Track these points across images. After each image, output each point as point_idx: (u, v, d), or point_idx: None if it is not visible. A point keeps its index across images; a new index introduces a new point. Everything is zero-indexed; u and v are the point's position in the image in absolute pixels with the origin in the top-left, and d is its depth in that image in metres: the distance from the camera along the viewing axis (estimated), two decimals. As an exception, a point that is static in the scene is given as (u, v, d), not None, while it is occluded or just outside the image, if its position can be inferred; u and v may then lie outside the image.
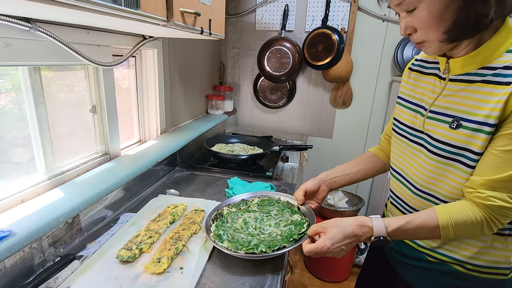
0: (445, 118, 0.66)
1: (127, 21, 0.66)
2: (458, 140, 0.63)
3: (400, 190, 0.79)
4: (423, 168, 0.70)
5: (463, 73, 0.64)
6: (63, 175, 0.91)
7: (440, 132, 0.66)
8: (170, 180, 1.27)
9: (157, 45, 1.28)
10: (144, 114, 1.36)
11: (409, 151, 0.76)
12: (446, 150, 0.65)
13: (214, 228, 0.82)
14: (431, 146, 0.68)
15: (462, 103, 0.63)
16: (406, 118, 0.77)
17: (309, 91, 2.10)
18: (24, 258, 0.67)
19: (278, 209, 0.92)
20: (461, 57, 0.63)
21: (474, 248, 0.69)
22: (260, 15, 2.00)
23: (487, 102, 0.59)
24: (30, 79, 0.81)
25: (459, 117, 0.63)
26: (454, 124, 0.64)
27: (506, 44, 0.59)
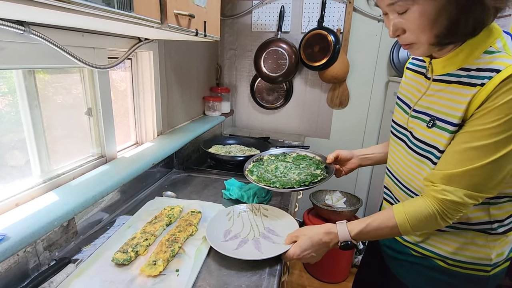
0: (425, 117, 0.68)
1: (121, 23, 0.66)
2: (429, 138, 0.66)
3: (389, 184, 0.83)
4: (404, 163, 0.74)
5: (444, 74, 0.65)
6: (59, 178, 0.91)
7: (419, 130, 0.69)
8: (167, 182, 1.27)
9: (153, 47, 1.28)
10: (141, 116, 1.35)
11: (395, 147, 0.79)
12: (420, 147, 0.68)
13: (251, 166, 1.05)
14: (411, 143, 0.71)
15: (439, 103, 0.65)
16: (397, 117, 0.80)
17: (306, 92, 2.10)
18: (18, 262, 0.67)
19: (308, 164, 1.06)
20: (442, 58, 0.64)
21: (455, 243, 0.70)
22: (256, 16, 2.01)
23: (459, 103, 0.60)
24: (24, 82, 0.80)
25: (435, 117, 0.65)
26: (430, 123, 0.66)
27: (485, 45, 0.58)
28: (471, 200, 0.60)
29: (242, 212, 0.98)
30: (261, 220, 0.95)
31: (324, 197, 1.98)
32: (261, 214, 0.97)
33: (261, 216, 0.97)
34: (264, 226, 0.91)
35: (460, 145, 0.59)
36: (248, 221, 0.93)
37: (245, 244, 0.82)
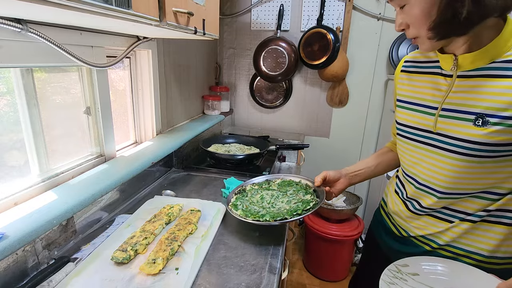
0: (465, 115, 0.63)
1: (119, 21, 0.65)
2: (489, 137, 0.60)
3: (418, 195, 0.75)
4: (445, 169, 0.67)
5: (473, 69, 0.62)
6: (57, 177, 0.91)
7: (462, 130, 0.63)
8: (166, 181, 1.27)
9: (151, 46, 1.27)
10: (140, 115, 1.35)
11: (422, 154, 0.72)
12: (476, 149, 0.62)
13: (233, 199, 0.96)
14: (451, 146, 0.65)
15: (482, 98, 0.61)
16: (412, 121, 0.74)
17: (305, 91, 2.10)
18: (17, 261, 0.67)
19: (295, 189, 0.98)
20: (471, 53, 0.62)
21: (493, 241, 0.67)
22: (256, 15, 2.00)
23: (501, 93, 0.58)
24: (22, 81, 0.80)
25: (483, 114, 0.60)
26: (479, 121, 0.61)
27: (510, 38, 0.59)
28: None
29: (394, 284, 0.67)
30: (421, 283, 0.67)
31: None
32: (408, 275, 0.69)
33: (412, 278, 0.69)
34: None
35: None
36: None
37: None
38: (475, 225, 0.68)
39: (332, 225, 1.82)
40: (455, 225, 0.70)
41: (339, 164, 2.16)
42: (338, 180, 0.93)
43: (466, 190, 0.67)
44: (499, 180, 0.64)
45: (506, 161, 0.62)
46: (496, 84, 0.60)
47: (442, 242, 0.73)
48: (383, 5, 1.81)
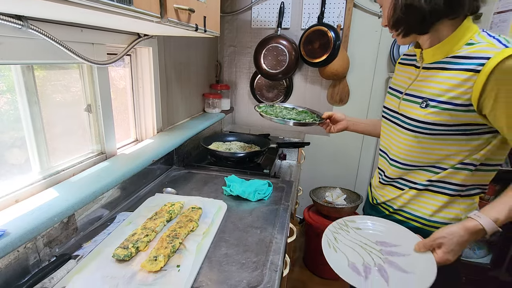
0: (416, 99, 0.78)
1: (120, 17, 0.65)
2: (422, 116, 0.74)
3: (384, 165, 0.91)
4: (399, 142, 0.83)
5: (433, 62, 0.75)
6: (58, 175, 0.90)
7: (413, 111, 0.78)
8: (167, 179, 1.26)
9: (152, 44, 1.27)
10: (140, 113, 1.35)
11: (390, 131, 0.88)
12: (420, 126, 0.76)
13: (262, 105, 1.39)
14: (406, 124, 0.80)
15: (430, 86, 0.74)
16: (389, 103, 0.90)
17: (306, 89, 2.09)
18: (18, 258, 0.67)
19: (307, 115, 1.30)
20: (430, 48, 0.74)
21: (433, 206, 0.81)
22: (256, 13, 2.00)
23: (449, 84, 0.70)
24: (23, 78, 0.80)
25: (427, 98, 0.74)
26: (423, 104, 0.75)
27: (465, 38, 0.70)
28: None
29: (338, 234, 0.84)
30: (361, 235, 0.82)
31: (324, 194, 1.98)
32: (353, 229, 0.86)
33: (355, 231, 0.85)
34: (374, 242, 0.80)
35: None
36: (353, 244, 0.80)
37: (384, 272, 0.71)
38: (420, 193, 0.82)
39: (333, 223, 1.82)
40: (404, 192, 0.85)
41: (340, 162, 2.16)
42: (341, 121, 1.14)
43: (417, 163, 0.80)
44: (442, 157, 0.76)
45: (444, 140, 0.74)
46: (441, 75, 0.72)
47: (396, 207, 0.87)
48: None
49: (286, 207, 1.05)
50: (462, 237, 0.69)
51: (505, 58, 0.60)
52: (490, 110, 0.65)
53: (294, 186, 1.26)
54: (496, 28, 1.47)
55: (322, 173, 2.22)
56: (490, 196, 1.66)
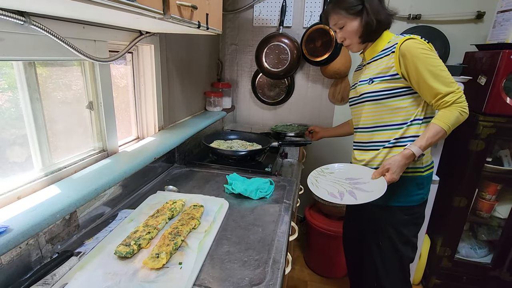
0: (365, 82, 1.12)
1: (123, 13, 0.65)
2: (370, 88, 1.09)
3: (358, 136, 1.21)
4: (364, 113, 1.15)
5: (370, 59, 1.13)
6: (60, 172, 0.90)
7: (364, 89, 1.12)
8: (168, 176, 1.26)
9: (154, 41, 1.27)
10: (142, 111, 1.35)
11: (357, 111, 1.20)
12: (369, 96, 1.10)
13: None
14: (362, 99, 1.13)
15: (371, 72, 1.11)
16: (352, 94, 1.23)
17: (307, 87, 2.09)
18: (21, 254, 0.67)
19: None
20: (367, 50, 1.14)
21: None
22: (258, 11, 1.99)
23: (382, 66, 1.07)
24: (25, 75, 0.79)
25: (371, 78, 1.10)
26: (370, 82, 1.10)
27: (387, 39, 1.09)
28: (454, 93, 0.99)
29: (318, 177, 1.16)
30: (334, 177, 1.15)
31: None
32: (328, 173, 1.19)
33: (330, 174, 1.17)
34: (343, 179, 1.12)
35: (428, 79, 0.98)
36: (330, 182, 1.12)
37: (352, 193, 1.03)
38: (391, 149, 1.10)
39: (333, 221, 1.82)
40: (379, 152, 1.12)
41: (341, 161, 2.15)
42: (318, 132, 1.62)
43: (378, 124, 1.11)
44: (393, 116, 1.08)
45: (389, 102, 1.06)
46: (376, 62, 1.10)
47: (376, 166, 1.13)
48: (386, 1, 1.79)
49: (288, 205, 1.05)
50: (400, 162, 1.01)
51: (404, 41, 1.00)
52: (406, 74, 1.01)
53: (296, 185, 1.26)
54: (500, 26, 1.47)
55: (323, 172, 2.21)
56: (492, 195, 1.66)
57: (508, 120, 1.45)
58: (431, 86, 0.98)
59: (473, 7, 1.69)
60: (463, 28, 1.74)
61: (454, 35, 1.75)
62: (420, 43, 0.99)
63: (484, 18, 1.70)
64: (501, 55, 1.39)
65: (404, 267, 1.18)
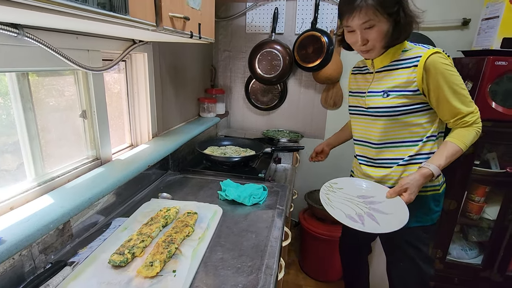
0: (378, 93, 1.04)
1: (116, 26, 0.66)
2: (385, 103, 1.01)
3: (364, 151, 1.13)
4: (376, 128, 1.06)
5: (382, 66, 1.04)
6: (53, 181, 0.90)
7: (377, 102, 1.03)
8: (162, 184, 1.27)
9: (147, 49, 1.28)
10: (136, 118, 1.35)
11: (363, 122, 1.11)
12: (385, 111, 1.01)
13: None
14: (375, 112, 1.04)
15: (386, 83, 1.02)
16: (355, 102, 1.15)
17: (300, 93, 2.12)
18: (14, 265, 0.67)
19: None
20: (379, 57, 1.03)
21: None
22: (250, 18, 2.02)
23: (407, 79, 0.97)
24: (18, 85, 0.80)
25: (386, 91, 1.01)
26: (385, 95, 1.01)
27: (401, 47, 1.00)
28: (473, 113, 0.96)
29: (329, 195, 1.07)
30: (345, 193, 1.07)
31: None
32: (337, 189, 1.11)
33: (340, 191, 1.09)
34: (356, 196, 1.05)
35: (450, 97, 0.93)
36: (342, 200, 1.04)
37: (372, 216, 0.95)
38: (405, 167, 1.04)
39: (327, 225, 1.84)
40: (393, 170, 1.05)
41: (334, 165, 2.18)
42: (322, 150, 1.47)
43: (392, 140, 1.04)
44: (408, 132, 1.01)
45: (405, 117, 0.99)
46: (393, 73, 1.01)
47: (390, 185, 1.06)
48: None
49: (281, 211, 1.06)
50: (419, 181, 0.95)
51: (430, 55, 0.93)
52: (426, 90, 0.95)
53: (289, 190, 1.27)
54: (484, 33, 1.51)
55: (317, 176, 2.23)
56: (481, 197, 1.69)
57: (493, 124, 1.49)
58: (452, 105, 0.93)
59: (459, 15, 1.75)
60: (450, 34, 1.79)
61: (441, 41, 1.80)
62: (445, 58, 0.93)
63: (469, 25, 1.75)
64: (486, 61, 1.43)
65: (427, 284, 1.13)
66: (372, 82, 1.06)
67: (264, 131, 2.11)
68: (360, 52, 1.02)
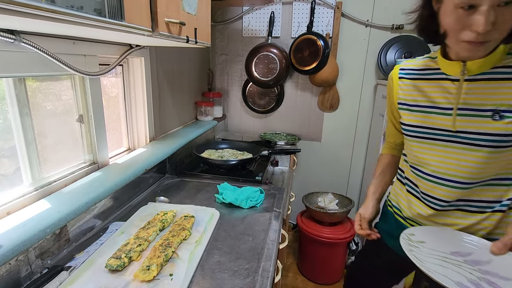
0: (482, 113, 0.71)
1: (112, 32, 0.67)
2: (503, 129, 0.69)
3: (440, 191, 0.79)
4: (470, 161, 0.74)
5: (479, 73, 0.71)
6: (50, 186, 0.91)
7: (483, 126, 0.71)
8: (159, 187, 1.27)
9: (144, 54, 1.29)
10: (133, 122, 1.36)
11: (445, 151, 0.77)
12: (497, 140, 0.70)
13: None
14: (476, 141, 0.72)
15: (494, 98, 0.70)
16: (427, 121, 0.79)
17: (297, 96, 2.13)
18: (10, 270, 0.67)
19: None
20: (479, 59, 0.70)
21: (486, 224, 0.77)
22: (247, 22, 2.04)
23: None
24: (15, 90, 0.80)
25: (498, 110, 0.69)
26: (496, 116, 0.70)
27: (505, 49, 0.70)
28: None
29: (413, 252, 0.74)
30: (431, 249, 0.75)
31: (316, 199, 2.00)
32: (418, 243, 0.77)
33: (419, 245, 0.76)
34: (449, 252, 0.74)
35: None
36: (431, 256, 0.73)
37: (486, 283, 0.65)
38: (507, 213, 0.75)
39: (325, 228, 1.84)
40: (487, 217, 0.76)
41: (332, 168, 2.19)
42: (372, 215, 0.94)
43: (484, 179, 0.75)
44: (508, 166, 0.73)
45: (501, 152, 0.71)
46: (503, 85, 0.69)
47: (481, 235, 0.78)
48: (371, 12, 1.86)
49: (277, 213, 1.07)
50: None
51: None
52: None
53: (286, 192, 1.28)
54: (477, 36, 1.53)
55: (314, 178, 2.24)
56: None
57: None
58: None
59: None
60: (444, 37, 1.81)
61: (435, 44, 1.82)
62: None
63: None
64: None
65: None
66: (462, 94, 0.73)
67: (261, 134, 2.12)
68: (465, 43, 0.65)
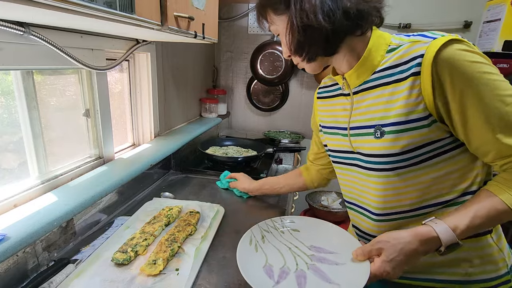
0: (366, 130, 0.63)
1: (121, 25, 0.67)
2: (388, 147, 0.59)
3: (358, 220, 0.72)
4: (372, 188, 0.65)
5: (361, 83, 0.63)
6: (57, 179, 0.91)
7: (368, 146, 0.63)
8: (164, 183, 1.27)
9: (150, 49, 1.28)
10: (138, 117, 1.36)
11: (353, 176, 0.70)
12: (383, 162, 0.60)
13: None
14: (367, 163, 0.64)
15: (374, 110, 0.61)
16: (335, 144, 0.74)
17: (301, 94, 2.12)
18: (17, 262, 0.67)
19: None
20: (351, 69, 0.63)
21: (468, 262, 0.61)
22: (253, 19, 2.03)
23: (396, 101, 0.58)
24: (23, 83, 0.80)
25: (379, 125, 0.60)
26: (377, 133, 0.60)
27: (383, 47, 0.60)
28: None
29: (266, 234, 0.75)
30: (296, 238, 0.75)
31: (320, 198, 2.00)
32: (289, 231, 0.78)
33: (290, 232, 0.77)
34: (307, 246, 0.71)
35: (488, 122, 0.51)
36: (282, 245, 0.73)
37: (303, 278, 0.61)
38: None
39: (328, 227, 1.83)
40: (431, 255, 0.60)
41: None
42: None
43: (396, 210, 0.62)
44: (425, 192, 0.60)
45: (417, 172, 0.58)
46: (380, 94, 0.60)
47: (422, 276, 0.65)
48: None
49: (282, 210, 1.06)
50: (409, 244, 0.53)
51: (439, 48, 0.51)
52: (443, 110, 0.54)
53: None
54: (486, 36, 1.52)
55: (318, 177, 2.24)
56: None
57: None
58: (496, 136, 0.51)
59: (461, 17, 1.75)
60: (451, 37, 1.80)
61: (443, 43, 1.80)
62: (469, 50, 0.51)
63: (471, 28, 1.76)
64: (487, 63, 1.44)
65: None
66: (352, 110, 0.66)
67: (265, 131, 2.12)
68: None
